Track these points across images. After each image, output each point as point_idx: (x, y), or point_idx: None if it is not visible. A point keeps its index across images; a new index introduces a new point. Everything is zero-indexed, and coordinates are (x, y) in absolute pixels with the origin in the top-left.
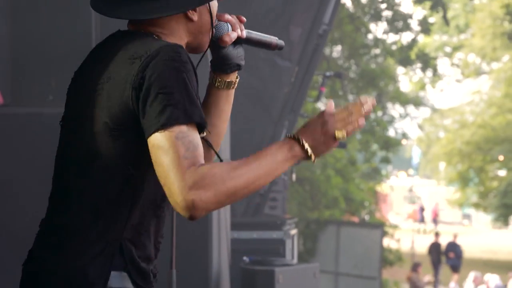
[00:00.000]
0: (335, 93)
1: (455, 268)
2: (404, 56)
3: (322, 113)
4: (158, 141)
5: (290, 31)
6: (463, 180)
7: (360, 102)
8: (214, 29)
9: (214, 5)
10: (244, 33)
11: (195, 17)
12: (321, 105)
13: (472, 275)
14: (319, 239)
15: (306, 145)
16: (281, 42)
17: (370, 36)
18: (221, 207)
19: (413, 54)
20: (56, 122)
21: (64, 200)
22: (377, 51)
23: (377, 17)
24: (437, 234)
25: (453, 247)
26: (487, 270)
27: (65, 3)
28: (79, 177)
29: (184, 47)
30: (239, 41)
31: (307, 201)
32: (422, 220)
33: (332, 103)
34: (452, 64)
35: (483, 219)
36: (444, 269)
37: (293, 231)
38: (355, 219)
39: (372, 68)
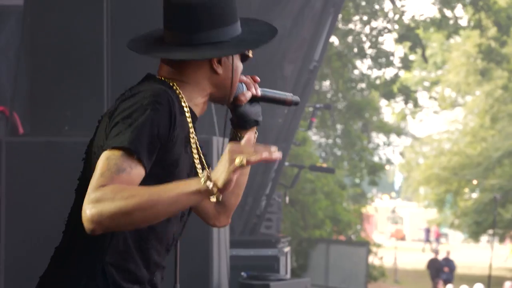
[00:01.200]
0: (325, 123)
1: (448, 281)
2: (387, 90)
3: (227, 147)
4: (97, 162)
5: (284, 67)
6: (441, 202)
7: (269, 147)
8: (233, 87)
9: (239, 66)
10: (259, 91)
11: (219, 70)
12: (311, 134)
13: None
14: (310, 256)
15: (203, 179)
16: (296, 98)
17: (356, 72)
18: (119, 226)
19: (395, 88)
20: (71, 150)
21: (66, 224)
22: (362, 85)
23: (362, 54)
24: (436, 252)
25: (448, 262)
26: (463, 283)
27: (78, 43)
28: (77, 202)
29: (207, 97)
30: (255, 99)
31: (299, 221)
32: (427, 240)
33: (245, 137)
34: (430, 97)
35: (459, 237)
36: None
37: (287, 249)
38: (343, 238)
39: (358, 101)
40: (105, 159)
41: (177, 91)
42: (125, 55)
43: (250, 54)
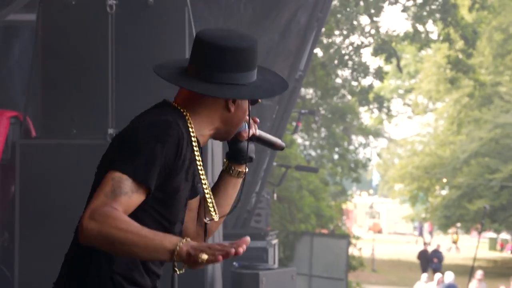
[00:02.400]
0: (309, 126)
1: (437, 270)
2: (364, 97)
3: (216, 243)
4: (104, 178)
5: None
6: (413, 198)
7: (237, 244)
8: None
9: (247, 107)
10: (257, 132)
11: (232, 108)
12: (297, 137)
13: (425, 276)
14: (296, 247)
15: (176, 252)
16: (283, 144)
17: (338, 80)
18: (100, 246)
19: (370, 97)
20: (78, 151)
21: (74, 235)
22: (344, 92)
23: (342, 65)
24: (425, 244)
25: (436, 253)
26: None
27: (85, 55)
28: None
29: (213, 131)
30: (253, 139)
31: (286, 216)
32: (420, 234)
33: (247, 239)
34: (404, 104)
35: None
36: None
37: (274, 241)
38: (325, 231)
39: (340, 106)
40: (111, 179)
41: (188, 121)
42: (129, 67)
43: (259, 100)
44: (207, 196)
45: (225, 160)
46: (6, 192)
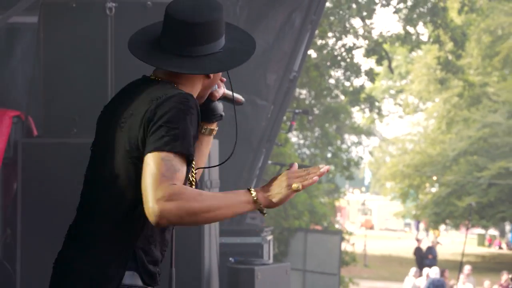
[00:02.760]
0: (303, 126)
1: (432, 266)
2: (355, 98)
3: (285, 173)
4: (149, 160)
5: (267, 77)
6: (404, 196)
7: (318, 167)
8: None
9: None
10: (225, 90)
11: (212, 75)
12: (291, 136)
13: (413, 270)
14: (290, 243)
15: (257, 199)
16: (242, 100)
17: (331, 81)
18: (182, 222)
19: (361, 98)
20: (79, 150)
21: (91, 211)
22: (337, 92)
23: (335, 66)
24: (418, 240)
25: (431, 250)
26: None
27: (85, 56)
28: (103, 193)
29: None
30: (222, 99)
31: (280, 213)
32: (417, 229)
33: (296, 165)
34: (396, 104)
35: (420, 226)
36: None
37: (269, 237)
38: (319, 227)
39: (333, 106)
40: (161, 159)
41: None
42: (127, 67)
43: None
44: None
45: None
46: (9, 190)
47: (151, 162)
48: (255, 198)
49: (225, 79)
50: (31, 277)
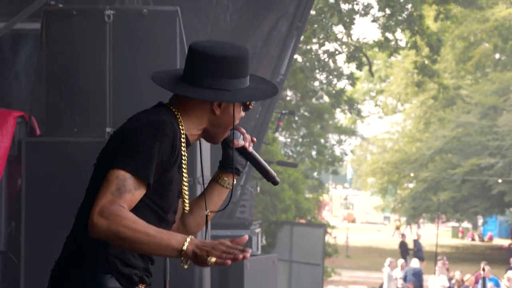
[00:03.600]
0: (290, 125)
1: (420, 258)
2: (337, 100)
3: (219, 242)
4: (108, 175)
5: None
6: (384, 191)
7: (242, 249)
8: (230, 132)
9: (237, 112)
10: (250, 148)
11: (217, 111)
12: (278, 135)
13: (388, 260)
14: (277, 235)
15: (185, 253)
16: (277, 180)
17: (316, 83)
18: (109, 241)
19: (342, 101)
20: (78, 148)
21: (76, 221)
22: (322, 93)
23: (319, 70)
24: (403, 235)
25: (416, 243)
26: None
27: (85, 61)
28: (85, 204)
29: (202, 131)
30: (245, 154)
31: (268, 207)
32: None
33: (246, 237)
34: (376, 105)
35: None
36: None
37: (258, 230)
38: (304, 221)
39: (318, 107)
40: (115, 177)
41: (179, 120)
42: (125, 71)
43: (251, 106)
44: (184, 189)
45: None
46: (13, 185)
47: (108, 177)
48: (183, 250)
49: (255, 140)
50: (34, 267)
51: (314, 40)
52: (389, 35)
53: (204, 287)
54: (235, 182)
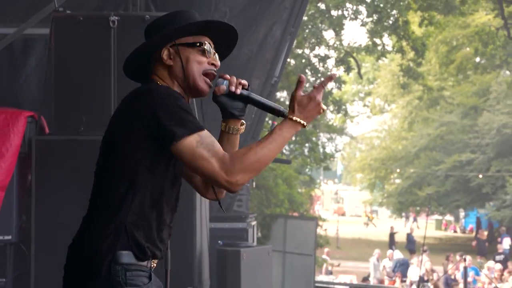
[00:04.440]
0: None
1: (411, 251)
2: (325, 102)
3: (311, 95)
4: (180, 150)
5: (251, 81)
6: (372, 186)
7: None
8: (214, 81)
9: (192, 57)
10: (238, 91)
11: (168, 62)
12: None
13: (376, 251)
14: (272, 228)
15: (302, 121)
16: (283, 110)
17: (307, 85)
18: (254, 176)
19: (329, 102)
20: (85, 146)
21: (92, 198)
22: None
23: (312, 72)
24: (392, 228)
25: (409, 236)
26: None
27: (91, 63)
28: (100, 182)
29: (180, 89)
30: (239, 97)
31: (263, 201)
32: (407, 218)
33: (303, 76)
34: (364, 105)
35: (385, 213)
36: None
37: (253, 223)
38: (297, 214)
39: None
40: (195, 146)
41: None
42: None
43: (205, 47)
44: None
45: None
46: (24, 181)
47: (185, 150)
48: (304, 125)
49: (244, 82)
50: (43, 257)
51: (306, 45)
52: (377, 40)
53: (204, 276)
54: (243, 126)
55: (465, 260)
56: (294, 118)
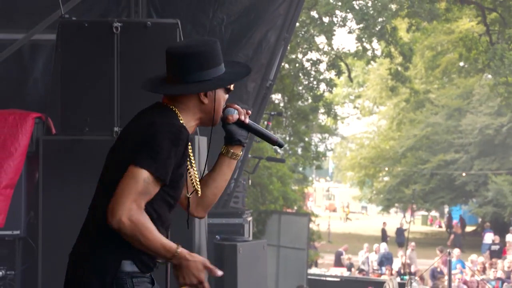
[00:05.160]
0: (280, 125)
1: (401, 244)
2: (315, 105)
3: (203, 265)
4: (134, 172)
5: (247, 85)
6: (361, 183)
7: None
8: (223, 111)
9: (222, 96)
10: (247, 120)
11: (205, 100)
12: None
13: (365, 245)
14: (267, 223)
15: (178, 254)
16: (282, 142)
17: (300, 87)
18: (123, 236)
19: (320, 105)
20: (90, 145)
21: (95, 208)
22: (308, 96)
23: (304, 76)
24: (384, 223)
25: (399, 231)
26: (378, 242)
27: (96, 67)
28: (104, 192)
29: (198, 121)
30: (244, 126)
31: (259, 198)
32: (404, 215)
33: (219, 272)
34: (354, 107)
35: (374, 209)
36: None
37: (249, 218)
38: (290, 210)
39: (303, 109)
40: (143, 180)
41: (179, 116)
42: (130, 76)
43: (231, 88)
44: (191, 172)
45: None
46: (32, 179)
47: (132, 174)
48: (177, 253)
49: (249, 112)
50: (50, 252)
51: (299, 50)
52: (366, 45)
53: None
54: (242, 153)
55: (449, 253)
56: (179, 250)
